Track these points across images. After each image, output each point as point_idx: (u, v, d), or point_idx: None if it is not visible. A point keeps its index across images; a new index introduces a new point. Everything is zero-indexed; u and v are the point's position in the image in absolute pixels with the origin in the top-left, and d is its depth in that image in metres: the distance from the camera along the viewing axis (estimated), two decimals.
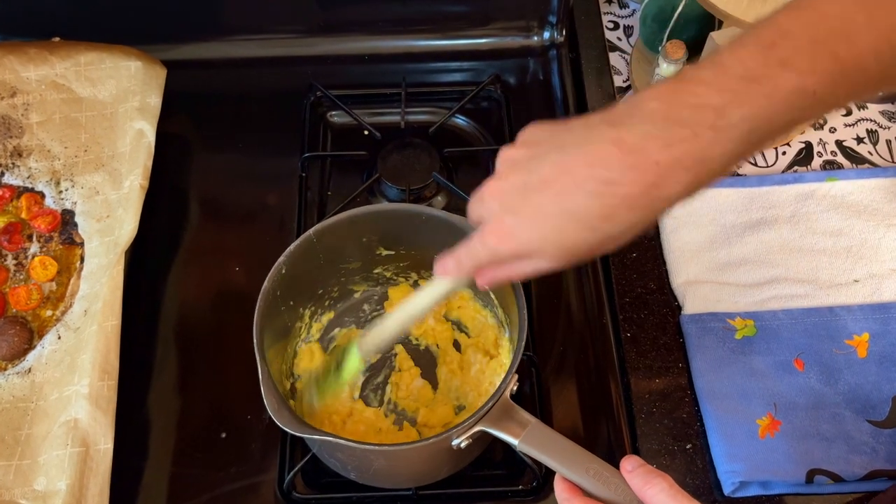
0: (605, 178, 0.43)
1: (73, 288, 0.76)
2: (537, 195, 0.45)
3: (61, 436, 0.66)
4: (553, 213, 0.45)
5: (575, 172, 0.44)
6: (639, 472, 0.51)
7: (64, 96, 0.86)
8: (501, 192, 0.47)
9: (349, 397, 0.72)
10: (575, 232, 0.45)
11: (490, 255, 0.49)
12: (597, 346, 0.76)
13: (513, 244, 0.47)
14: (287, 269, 0.66)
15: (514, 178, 0.47)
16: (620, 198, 0.43)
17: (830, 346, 0.73)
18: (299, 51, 0.96)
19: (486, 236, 0.48)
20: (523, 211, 0.46)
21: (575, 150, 0.44)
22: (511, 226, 0.47)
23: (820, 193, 0.82)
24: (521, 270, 0.49)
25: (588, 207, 0.44)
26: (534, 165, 0.46)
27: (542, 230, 0.45)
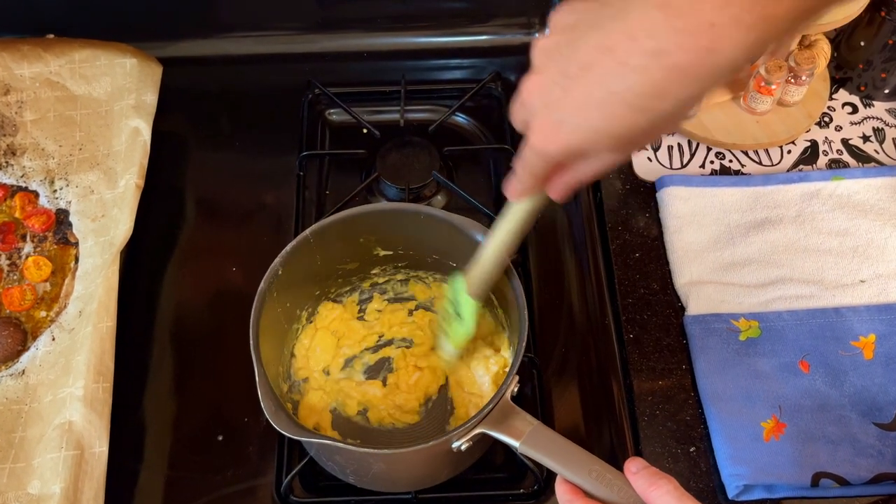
0: (651, 49, 0.38)
1: (67, 289, 0.76)
2: (579, 83, 0.41)
3: (55, 439, 0.66)
4: (598, 99, 0.41)
5: (617, 49, 0.39)
6: (643, 473, 0.51)
7: (58, 94, 0.86)
8: (540, 88, 0.43)
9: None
10: (625, 116, 0.41)
11: (542, 159, 0.45)
12: (599, 348, 0.76)
13: (561, 142, 0.43)
14: (283, 270, 0.66)
15: (551, 69, 0.43)
16: (670, 69, 0.38)
17: (836, 348, 0.73)
18: (297, 48, 0.96)
19: (532, 140, 0.44)
20: (566, 103, 0.42)
21: (614, 24, 0.40)
22: (556, 122, 0.43)
23: (825, 192, 0.82)
24: (587, 170, 0.46)
25: (635, 85, 0.39)
26: (571, 51, 0.41)
27: (589, 120, 0.41)
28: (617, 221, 0.82)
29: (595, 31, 0.41)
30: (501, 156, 0.88)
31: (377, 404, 0.71)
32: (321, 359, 0.73)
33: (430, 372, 0.73)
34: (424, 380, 0.72)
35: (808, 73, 0.84)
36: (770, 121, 0.87)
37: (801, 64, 0.83)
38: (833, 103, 0.91)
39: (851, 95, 0.91)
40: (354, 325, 0.75)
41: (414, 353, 0.74)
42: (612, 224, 0.82)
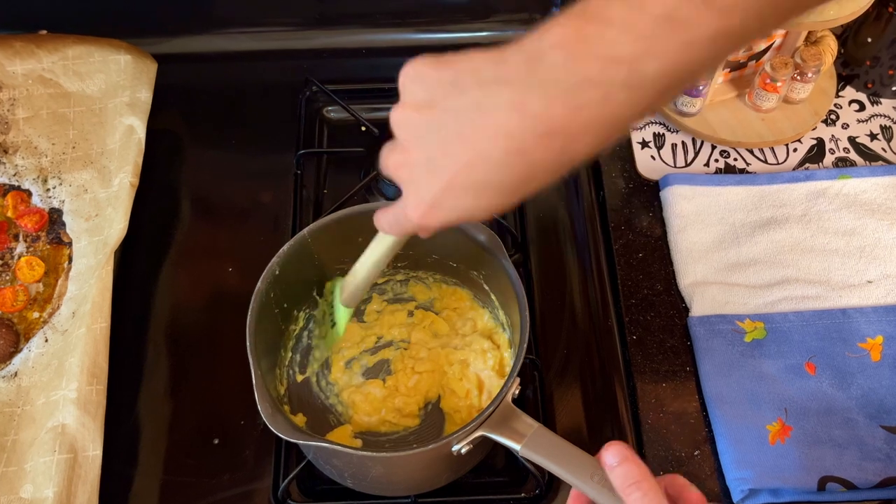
0: (512, 149, 0.41)
1: (60, 289, 0.76)
2: (446, 170, 0.44)
3: (48, 442, 0.66)
4: (467, 185, 0.44)
5: (479, 145, 0.42)
6: (620, 471, 0.49)
7: (51, 91, 0.86)
8: (409, 168, 0.46)
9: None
10: (495, 199, 0.44)
11: (417, 228, 0.49)
12: (602, 350, 0.76)
13: (437, 219, 0.47)
14: (281, 271, 0.66)
15: (416, 151, 0.45)
16: (531, 165, 0.42)
17: (843, 350, 0.73)
18: (295, 44, 0.96)
19: (410, 213, 0.48)
20: (436, 187, 0.45)
21: (473, 115, 0.42)
22: (431, 203, 0.46)
23: (832, 192, 0.82)
24: (455, 224, 0.49)
25: (503, 177, 0.43)
26: (433, 137, 0.44)
27: (464, 202, 0.45)
28: (620, 221, 0.82)
29: (455, 119, 0.43)
30: None
31: (378, 407, 0.71)
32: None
33: (429, 376, 0.72)
34: (424, 383, 0.72)
35: (814, 69, 0.84)
36: (775, 118, 0.87)
37: (807, 61, 0.83)
38: (840, 101, 0.91)
39: (858, 93, 0.91)
40: (352, 327, 0.75)
41: (412, 356, 0.74)
42: (614, 223, 0.82)
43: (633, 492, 0.48)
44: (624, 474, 0.49)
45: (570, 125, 0.40)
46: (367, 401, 0.71)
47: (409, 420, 0.71)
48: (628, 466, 0.49)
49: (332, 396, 0.73)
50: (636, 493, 0.48)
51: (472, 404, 0.70)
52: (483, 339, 0.73)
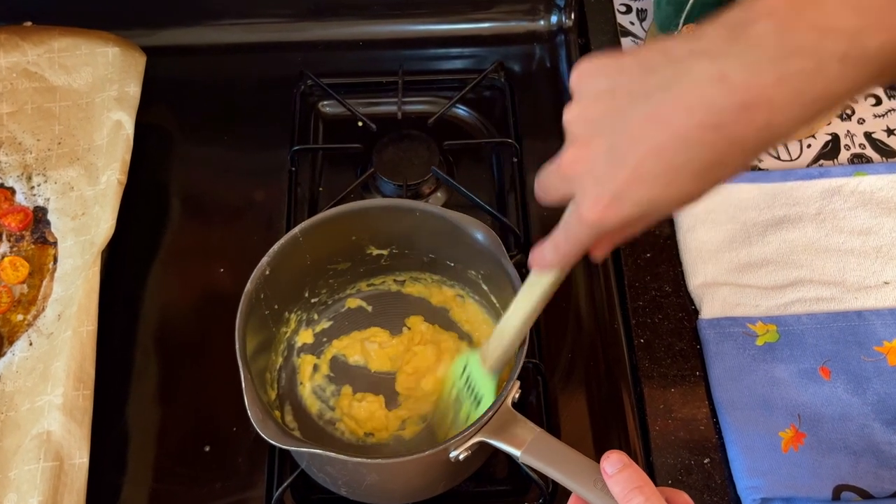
0: (711, 123, 0.39)
1: (45, 291, 0.77)
2: (633, 156, 0.41)
3: (33, 449, 0.66)
4: (657, 171, 0.41)
5: (673, 122, 0.40)
6: (620, 478, 0.50)
7: (36, 85, 0.86)
8: (587, 161, 0.43)
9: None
10: (687, 185, 0.42)
11: (594, 233, 0.46)
12: (608, 353, 0.76)
13: (619, 216, 0.43)
14: (271, 271, 0.66)
15: (596, 142, 0.43)
16: (731, 142, 0.39)
17: (858, 353, 0.73)
18: (289, 36, 0.96)
19: (585, 214, 0.44)
20: (620, 177, 0.42)
21: (665, 94, 0.40)
22: (612, 196, 0.43)
23: (847, 189, 0.82)
24: (636, 231, 0.47)
25: (696, 158, 0.40)
26: (616, 123, 0.42)
27: (650, 192, 0.42)
28: None
29: (642, 101, 0.41)
30: (504, 150, 0.88)
31: (376, 418, 0.71)
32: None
33: (428, 387, 0.72)
34: (423, 393, 0.72)
35: None
36: None
37: None
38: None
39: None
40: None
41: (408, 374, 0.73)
42: None
43: (635, 496, 0.49)
44: (625, 480, 0.50)
45: (775, 96, 0.38)
46: (364, 412, 0.71)
47: (411, 428, 0.71)
48: (629, 472, 0.50)
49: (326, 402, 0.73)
50: (638, 497, 0.49)
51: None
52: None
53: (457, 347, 0.74)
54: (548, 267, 0.52)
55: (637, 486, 0.49)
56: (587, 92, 0.44)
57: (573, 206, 0.46)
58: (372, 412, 0.71)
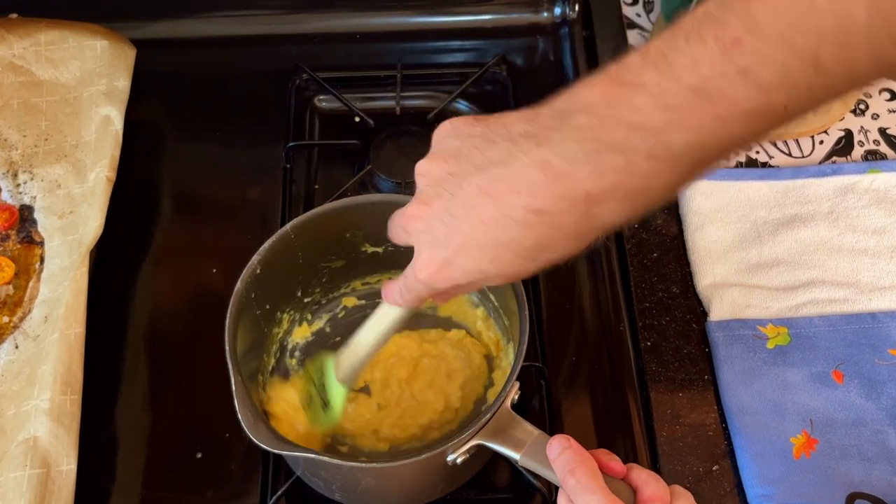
0: (533, 208, 0.42)
1: (32, 292, 0.77)
2: (464, 225, 0.45)
3: (19, 456, 0.66)
4: (484, 244, 0.45)
5: (500, 199, 0.43)
6: (559, 461, 0.53)
7: (22, 79, 0.86)
8: (425, 222, 0.47)
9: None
10: (512, 262, 0.45)
11: (427, 290, 0.50)
12: (613, 357, 0.76)
13: (449, 280, 0.47)
14: (262, 269, 0.66)
15: (435, 203, 0.47)
16: (554, 228, 0.42)
17: (873, 357, 0.73)
18: (283, 29, 0.96)
19: (419, 273, 0.49)
20: (452, 243, 0.46)
21: (497, 170, 0.43)
22: (444, 261, 0.47)
23: (861, 187, 0.82)
24: (469, 291, 0.51)
25: (521, 238, 0.43)
26: (454, 187, 0.45)
27: (478, 262, 0.45)
28: None
29: (478, 171, 0.44)
30: None
31: (369, 424, 0.71)
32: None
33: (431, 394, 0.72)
34: (422, 400, 0.72)
35: None
36: None
37: None
38: (869, 89, 0.91)
39: (889, 81, 0.91)
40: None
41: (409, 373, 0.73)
42: None
43: (568, 479, 0.52)
44: (562, 463, 0.53)
45: (592, 190, 0.40)
46: (357, 416, 0.71)
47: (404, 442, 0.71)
48: (566, 455, 0.53)
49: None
50: (570, 479, 0.52)
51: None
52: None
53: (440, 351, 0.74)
54: (395, 305, 0.56)
55: (570, 469, 0.52)
56: (439, 149, 0.48)
57: (413, 261, 0.50)
58: (361, 414, 0.71)
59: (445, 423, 0.70)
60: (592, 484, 0.51)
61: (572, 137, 0.41)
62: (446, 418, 0.70)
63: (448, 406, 0.70)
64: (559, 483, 0.54)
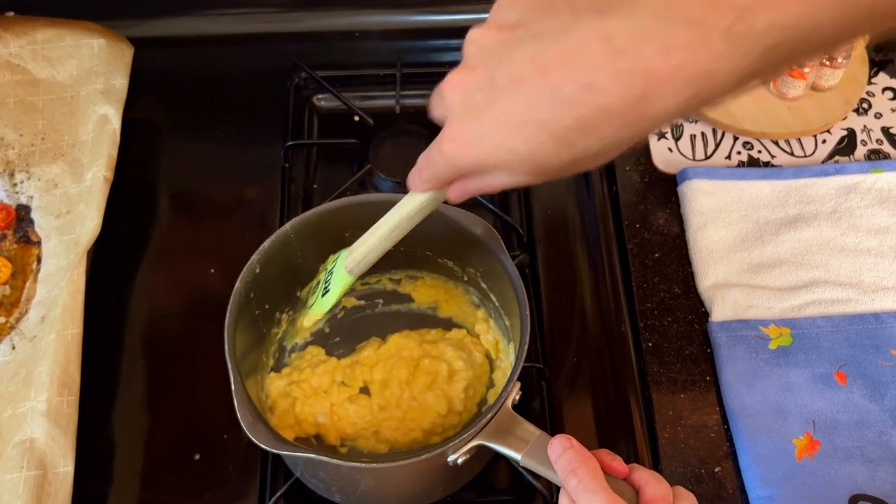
0: (583, 83, 0.39)
1: (28, 292, 0.77)
2: (504, 97, 0.42)
3: (16, 457, 0.66)
4: (521, 120, 0.41)
5: (550, 71, 0.40)
6: (560, 462, 0.53)
7: (19, 78, 0.86)
8: (464, 89, 0.44)
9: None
10: (547, 144, 0.41)
11: (449, 166, 0.46)
12: (615, 358, 0.76)
13: (473, 155, 0.44)
14: (261, 269, 0.66)
15: (480, 70, 0.43)
16: (599, 109, 0.39)
17: (876, 358, 0.73)
18: (282, 27, 0.96)
19: (444, 143, 0.45)
20: (487, 116, 0.43)
21: (553, 42, 0.40)
22: (472, 133, 0.44)
23: (864, 186, 0.82)
24: (492, 184, 0.47)
25: (564, 117, 0.40)
26: (504, 56, 0.42)
27: (508, 141, 0.42)
28: (634, 218, 0.82)
29: (533, 42, 0.41)
30: None
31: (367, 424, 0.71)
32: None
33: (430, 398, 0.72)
34: (422, 405, 0.72)
35: (844, 54, 0.84)
36: (803, 107, 0.87)
37: None
38: (872, 88, 0.91)
39: (892, 79, 0.92)
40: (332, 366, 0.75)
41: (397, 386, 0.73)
42: (628, 221, 0.82)
43: (570, 479, 0.52)
44: (563, 463, 0.53)
45: (654, 67, 0.37)
46: (358, 417, 0.71)
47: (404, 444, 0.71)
48: (567, 455, 0.53)
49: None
50: (572, 480, 0.52)
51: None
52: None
53: (439, 353, 0.74)
54: (416, 189, 0.53)
55: (572, 469, 0.52)
56: (495, 19, 0.44)
57: (441, 131, 0.46)
58: (362, 416, 0.71)
59: (449, 428, 0.70)
60: (595, 484, 0.51)
61: (644, 12, 0.37)
62: (450, 422, 0.70)
63: (452, 410, 0.70)
64: (561, 483, 0.54)
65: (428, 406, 0.70)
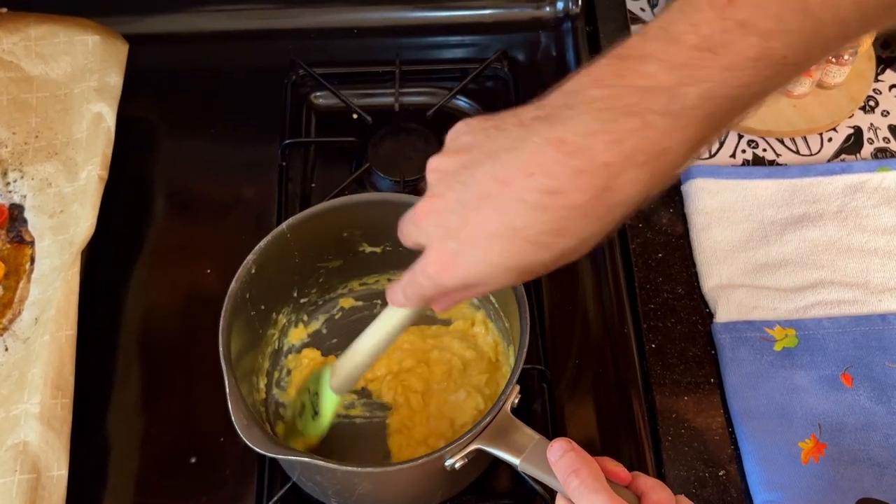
0: (547, 188, 0.42)
1: (22, 293, 0.77)
2: (476, 214, 0.44)
3: (9, 461, 0.66)
4: (495, 232, 0.44)
5: (513, 183, 0.43)
6: (560, 463, 0.53)
7: (12, 75, 0.86)
8: (436, 214, 0.47)
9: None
10: (524, 250, 0.44)
11: (435, 287, 0.49)
12: (617, 359, 0.76)
13: (458, 275, 0.47)
14: (257, 269, 0.66)
15: (448, 195, 0.46)
16: (567, 209, 0.42)
17: (882, 359, 0.73)
18: (279, 23, 0.96)
19: (428, 267, 0.48)
20: (463, 234, 0.45)
21: (509, 156, 0.43)
22: (453, 253, 0.46)
23: (871, 185, 0.82)
24: (477, 294, 0.50)
25: (535, 223, 0.43)
26: (466, 178, 0.45)
27: (489, 254, 0.45)
28: (637, 218, 0.82)
29: (491, 159, 0.44)
30: None
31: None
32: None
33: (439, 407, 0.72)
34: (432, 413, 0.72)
35: (850, 51, 0.84)
36: (809, 105, 0.87)
37: None
38: (879, 85, 0.91)
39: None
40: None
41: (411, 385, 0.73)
42: (631, 220, 0.82)
43: (571, 480, 0.52)
44: (564, 465, 0.53)
45: (609, 158, 0.41)
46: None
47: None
48: (568, 457, 0.53)
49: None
50: (574, 480, 0.52)
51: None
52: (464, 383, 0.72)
53: (441, 355, 0.74)
54: (398, 306, 0.55)
55: (573, 469, 0.52)
56: (451, 145, 0.48)
57: (421, 257, 0.49)
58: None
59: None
60: (597, 484, 0.51)
61: (586, 111, 0.41)
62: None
63: (478, 410, 0.71)
64: (560, 487, 0.54)
65: (458, 405, 0.71)
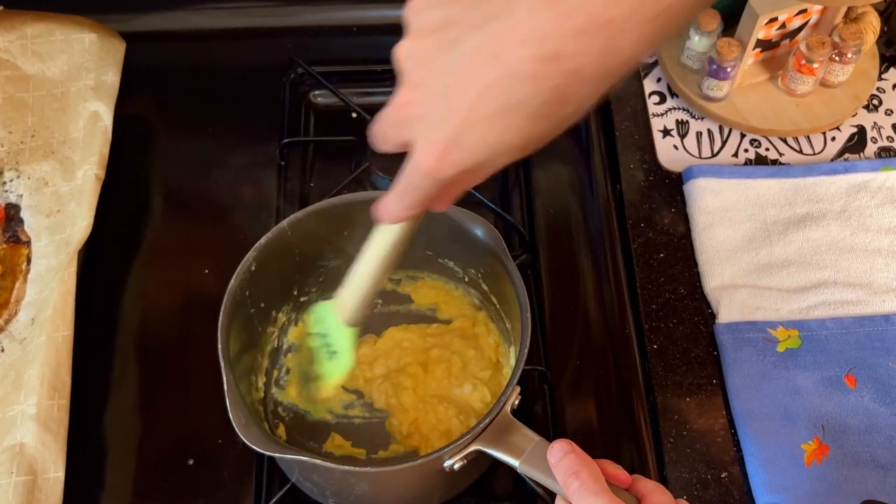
0: (545, 54, 0.38)
1: (18, 293, 0.77)
2: (468, 95, 0.40)
3: (5, 463, 0.66)
4: (493, 112, 0.40)
5: (504, 56, 0.39)
6: (560, 465, 0.53)
7: (8, 73, 0.86)
8: (421, 105, 0.43)
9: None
10: (525, 126, 0.41)
11: (433, 183, 0.45)
12: (619, 360, 0.76)
13: (458, 163, 0.43)
14: (257, 266, 0.66)
15: (430, 82, 0.42)
16: (570, 73, 0.39)
17: (886, 360, 0.73)
18: (278, 21, 0.96)
19: (421, 162, 0.43)
20: (456, 119, 0.41)
21: (496, 24, 0.39)
22: (449, 141, 0.42)
23: (874, 185, 0.82)
24: (477, 179, 0.46)
25: (534, 95, 0.39)
26: (449, 60, 0.41)
27: (488, 136, 0.41)
28: (639, 218, 0.82)
29: (474, 33, 0.40)
30: None
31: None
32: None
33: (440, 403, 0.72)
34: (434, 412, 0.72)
35: (854, 49, 0.84)
36: (812, 104, 0.87)
37: (846, 40, 0.83)
38: (883, 84, 0.91)
39: None
40: None
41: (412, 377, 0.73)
42: (633, 221, 0.82)
43: (572, 482, 0.52)
44: (564, 467, 0.53)
45: (612, 15, 0.37)
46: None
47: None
48: (569, 459, 0.53)
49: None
50: (574, 482, 0.52)
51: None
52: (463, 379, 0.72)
53: (441, 355, 0.74)
54: (394, 221, 0.51)
55: (574, 471, 0.52)
56: (420, 25, 0.43)
57: (410, 155, 0.44)
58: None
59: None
60: (597, 487, 0.51)
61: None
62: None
63: (485, 403, 0.71)
64: (560, 490, 0.54)
65: (463, 399, 0.71)
